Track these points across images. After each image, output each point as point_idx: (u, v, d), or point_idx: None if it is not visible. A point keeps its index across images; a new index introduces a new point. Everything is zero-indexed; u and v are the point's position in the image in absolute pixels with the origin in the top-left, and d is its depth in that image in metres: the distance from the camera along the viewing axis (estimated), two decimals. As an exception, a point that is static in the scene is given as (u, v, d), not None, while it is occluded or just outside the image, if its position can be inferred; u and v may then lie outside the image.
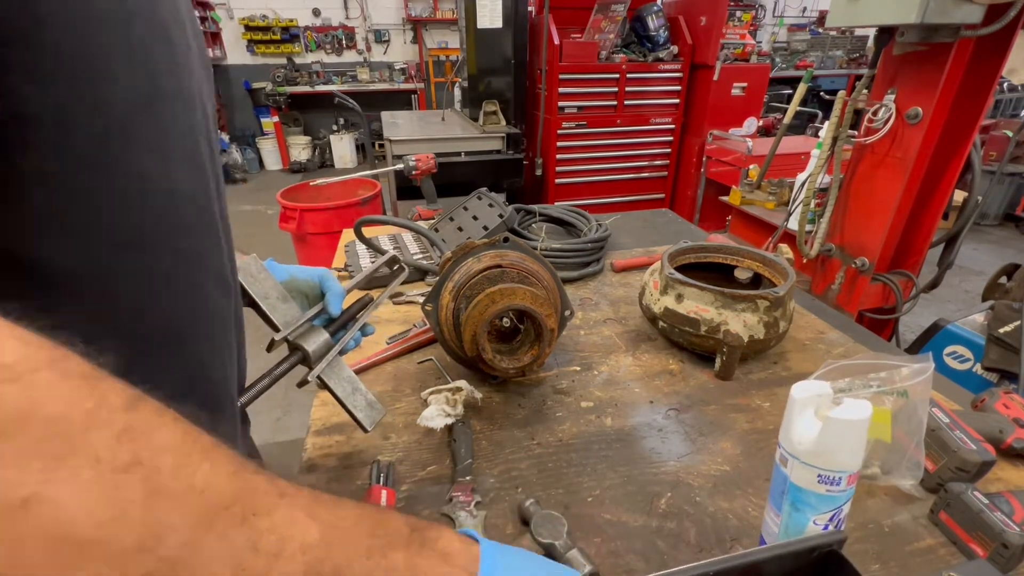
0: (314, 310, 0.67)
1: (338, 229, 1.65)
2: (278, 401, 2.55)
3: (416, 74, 7.48)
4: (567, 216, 1.56)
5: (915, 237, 1.94)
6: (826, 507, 0.50)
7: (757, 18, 8.32)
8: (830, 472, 0.49)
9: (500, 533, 0.64)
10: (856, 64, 7.23)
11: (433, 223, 1.51)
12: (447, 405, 0.78)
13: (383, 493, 0.65)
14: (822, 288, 2.12)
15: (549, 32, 3.63)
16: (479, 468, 0.74)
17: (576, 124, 3.99)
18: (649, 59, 3.99)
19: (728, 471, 0.74)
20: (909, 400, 0.68)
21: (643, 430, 0.82)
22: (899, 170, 1.75)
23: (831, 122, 1.86)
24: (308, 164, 7.25)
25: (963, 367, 1.72)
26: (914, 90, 1.68)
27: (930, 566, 0.61)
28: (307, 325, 0.66)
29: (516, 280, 0.84)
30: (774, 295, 0.90)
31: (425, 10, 7.31)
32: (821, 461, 0.49)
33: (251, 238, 4.75)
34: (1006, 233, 4.89)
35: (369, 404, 0.70)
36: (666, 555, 0.62)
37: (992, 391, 0.84)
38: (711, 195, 3.83)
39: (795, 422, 0.50)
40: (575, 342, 1.05)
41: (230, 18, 7.03)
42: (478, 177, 3.42)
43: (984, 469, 0.68)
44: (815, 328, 1.11)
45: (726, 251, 1.11)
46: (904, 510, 0.68)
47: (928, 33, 1.57)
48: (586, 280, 1.32)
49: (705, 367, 0.97)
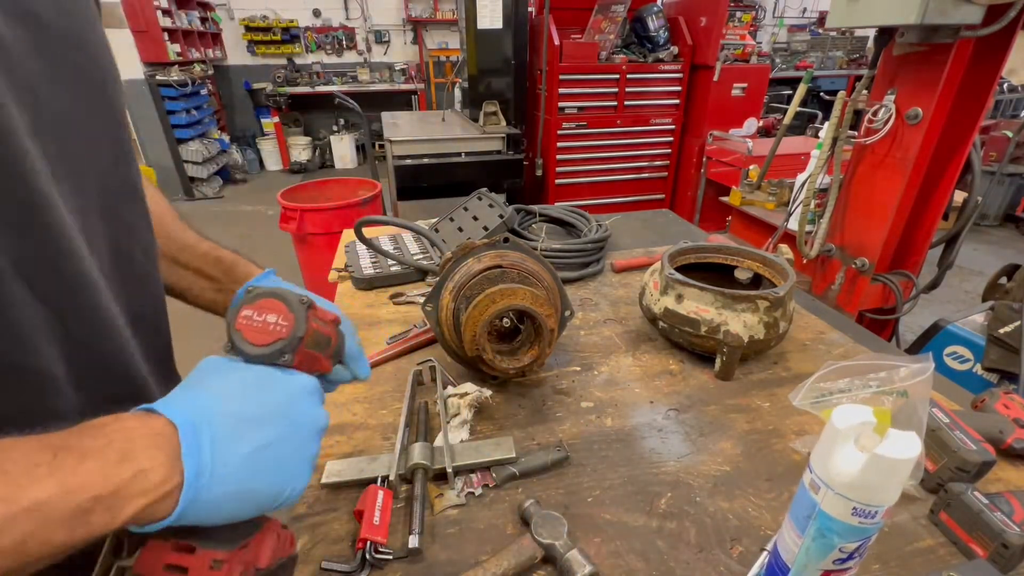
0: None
1: (338, 229, 1.65)
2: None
3: (416, 75, 7.49)
4: (567, 216, 1.56)
5: (915, 237, 1.94)
6: (855, 537, 0.47)
7: (757, 19, 8.33)
8: (868, 507, 0.45)
9: (500, 533, 0.65)
10: (856, 65, 7.24)
11: (433, 223, 1.51)
12: (465, 412, 0.79)
13: (380, 494, 0.65)
14: (822, 288, 2.12)
15: (549, 33, 3.64)
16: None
17: (576, 124, 4.00)
18: (649, 60, 3.99)
19: (728, 471, 0.74)
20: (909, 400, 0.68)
21: (643, 430, 0.82)
22: (899, 170, 1.75)
23: (831, 122, 1.86)
24: (308, 164, 7.26)
25: (963, 367, 1.72)
26: (914, 90, 1.68)
27: (930, 566, 0.61)
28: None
29: (516, 280, 0.84)
30: (774, 295, 0.90)
31: (425, 11, 7.32)
32: (859, 495, 0.45)
33: (251, 239, 4.75)
34: (1006, 233, 4.89)
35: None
36: (666, 555, 0.62)
37: (992, 391, 0.84)
38: (711, 195, 3.83)
39: (835, 452, 0.46)
40: (575, 342, 1.05)
41: (230, 19, 7.05)
42: (478, 177, 3.42)
43: (984, 469, 0.68)
44: (815, 328, 1.11)
45: (726, 251, 1.11)
46: (904, 510, 0.68)
47: (928, 33, 1.57)
48: (586, 280, 1.32)
49: (705, 367, 0.97)
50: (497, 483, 0.71)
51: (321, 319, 0.49)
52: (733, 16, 7.70)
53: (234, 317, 0.44)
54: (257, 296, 0.45)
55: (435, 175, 3.45)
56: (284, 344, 0.44)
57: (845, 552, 0.48)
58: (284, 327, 0.44)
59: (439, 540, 0.64)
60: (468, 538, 0.64)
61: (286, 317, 0.44)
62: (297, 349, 0.45)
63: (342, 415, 0.84)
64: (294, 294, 0.46)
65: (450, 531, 0.65)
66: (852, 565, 0.49)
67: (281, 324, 0.44)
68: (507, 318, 0.86)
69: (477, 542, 0.63)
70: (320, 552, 0.61)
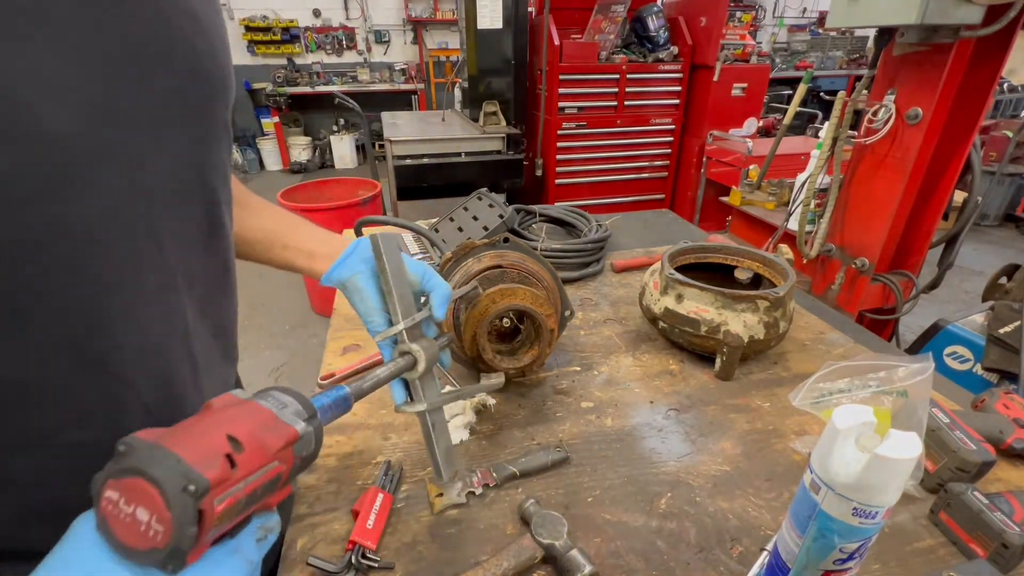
0: (424, 312, 0.61)
1: (338, 230, 1.64)
2: (278, 401, 2.55)
3: (416, 75, 7.48)
4: (567, 216, 1.56)
5: (915, 237, 1.94)
6: (856, 537, 0.47)
7: (757, 19, 8.33)
8: (868, 507, 0.45)
9: (500, 533, 0.65)
10: (856, 64, 7.24)
11: (433, 223, 1.51)
12: (468, 413, 0.80)
13: (379, 496, 0.65)
14: (822, 288, 2.12)
15: (549, 33, 3.64)
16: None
17: (576, 124, 4.00)
18: (649, 59, 3.99)
19: (728, 471, 0.74)
20: (909, 400, 0.68)
21: (643, 430, 0.82)
22: (899, 170, 1.75)
23: (831, 122, 1.86)
24: (308, 165, 7.26)
25: (963, 367, 1.72)
26: (914, 90, 1.68)
27: (930, 566, 0.61)
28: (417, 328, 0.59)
29: (516, 280, 0.84)
30: (774, 295, 0.90)
31: (425, 11, 7.32)
32: (860, 496, 0.45)
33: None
34: (1006, 233, 4.89)
35: (448, 449, 0.62)
36: (666, 555, 0.62)
37: (992, 391, 0.84)
38: (711, 195, 3.83)
39: (835, 453, 0.46)
40: (575, 342, 1.05)
41: (230, 18, 7.03)
42: (478, 177, 3.42)
43: (984, 469, 0.68)
44: (815, 328, 1.11)
45: (726, 251, 1.11)
46: (904, 510, 0.68)
47: (928, 34, 1.57)
48: (586, 280, 1.32)
49: (705, 367, 0.97)
50: (497, 483, 0.71)
51: (248, 472, 0.33)
52: (733, 16, 7.70)
53: (98, 489, 0.30)
54: (123, 471, 0.30)
55: (435, 175, 3.45)
56: (162, 556, 0.29)
57: (845, 552, 0.48)
58: (159, 533, 0.29)
59: (439, 540, 0.64)
60: (468, 538, 0.64)
61: (161, 518, 0.29)
62: (191, 550, 0.30)
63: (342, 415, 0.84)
64: (170, 472, 0.29)
65: (450, 531, 0.65)
66: (852, 565, 0.49)
67: (155, 528, 0.29)
68: (507, 318, 0.86)
69: (477, 542, 0.63)
70: (320, 552, 0.61)
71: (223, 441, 0.33)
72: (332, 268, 0.63)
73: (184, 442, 0.31)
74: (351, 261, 0.63)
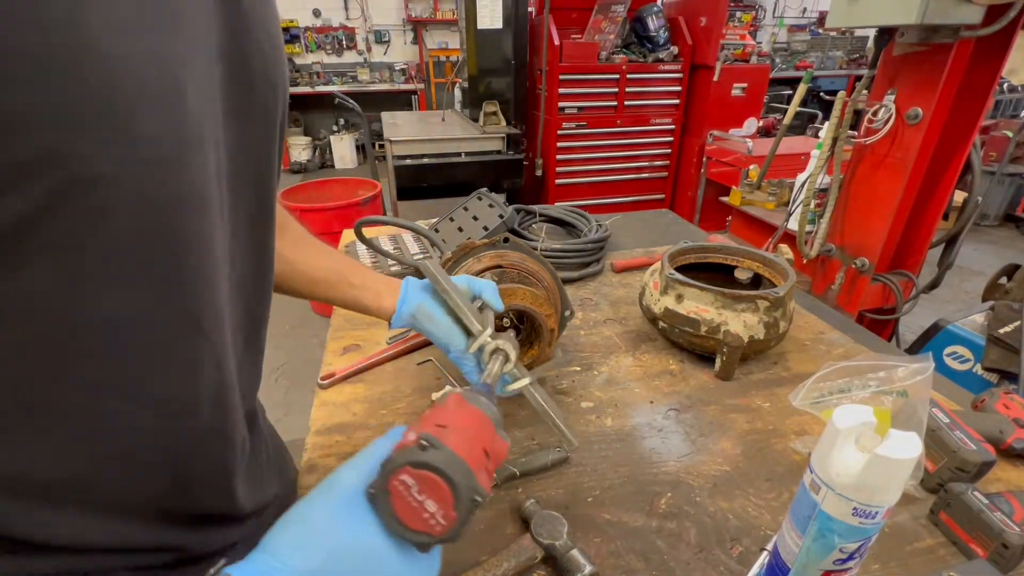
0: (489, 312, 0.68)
1: (338, 230, 1.65)
2: (278, 402, 2.55)
3: (416, 75, 7.48)
4: (567, 216, 1.56)
5: (915, 237, 1.94)
6: (856, 537, 0.47)
7: (757, 19, 8.33)
8: (868, 507, 0.45)
9: (500, 533, 0.65)
10: (856, 64, 7.24)
11: (433, 223, 1.51)
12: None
13: None
14: (822, 288, 2.12)
15: (549, 33, 3.64)
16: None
17: (576, 124, 4.00)
18: (649, 59, 3.99)
19: (728, 471, 0.74)
20: (909, 400, 0.68)
21: (643, 430, 0.82)
22: (899, 170, 1.75)
23: (831, 123, 1.86)
24: (308, 164, 7.26)
25: (963, 367, 1.72)
26: (914, 90, 1.68)
27: (930, 566, 0.61)
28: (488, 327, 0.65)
29: (516, 280, 0.84)
30: (774, 295, 0.90)
31: (425, 11, 7.32)
32: (860, 496, 0.45)
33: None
34: (1006, 233, 4.89)
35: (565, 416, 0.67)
36: (666, 555, 0.62)
37: (992, 391, 0.84)
38: (711, 195, 3.83)
39: (835, 452, 0.46)
40: (575, 342, 1.05)
41: (230, 19, 7.03)
42: (478, 177, 3.42)
43: (984, 469, 0.68)
44: (815, 328, 1.11)
45: (726, 251, 1.11)
46: (904, 510, 0.68)
47: (928, 34, 1.57)
48: (586, 280, 1.32)
49: (705, 367, 0.97)
50: (497, 483, 0.71)
51: (488, 477, 0.39)
52: (733, 16, 7.70)
53: (389, 472, 0.35)
54: (425, 463, 0.35)
55: (435, 175, 3.45)
56: (432, 541, 0.36)
57: (846, 552, 0.48)
58: (440, 527, 0.35)
59: (439, 540, 0.64)
60: (468, 538, 0.64)
61: (447, 516, 0.35)
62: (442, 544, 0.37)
63: (342, 415, 0.84)
64: (466, 481, 0.36)
65: (450, 531, 0.65)
66: (852, 565, 0.49)
67: (439, 521, 0.35)
68: (507, 318, 0.86)
69: (477, 542, 0.63)
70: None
71: (483, 455, 0.39)
72: (400, 305, 0.70)
73: (467, 452, 0.37)
74: (411, 295, 0.70)
